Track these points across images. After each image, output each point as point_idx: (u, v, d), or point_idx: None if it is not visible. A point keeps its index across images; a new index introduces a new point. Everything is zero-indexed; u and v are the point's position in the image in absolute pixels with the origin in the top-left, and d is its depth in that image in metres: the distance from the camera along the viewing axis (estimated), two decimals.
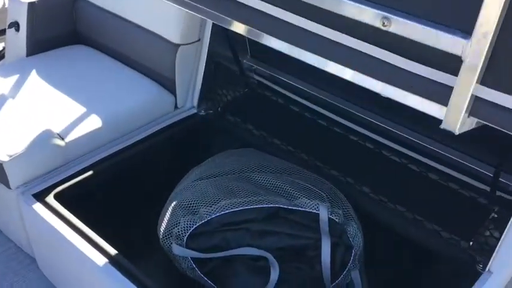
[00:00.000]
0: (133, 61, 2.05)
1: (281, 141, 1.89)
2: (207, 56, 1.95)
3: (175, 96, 1.98)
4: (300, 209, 1.51)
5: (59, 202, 1.57)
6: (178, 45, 1.89)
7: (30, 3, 2.01)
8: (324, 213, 1.49)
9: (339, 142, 1.81)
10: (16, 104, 1.78)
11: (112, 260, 1.42)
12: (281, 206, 1.51)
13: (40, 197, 1.58)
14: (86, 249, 1.44)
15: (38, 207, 1.55)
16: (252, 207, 1.52)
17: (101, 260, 1.41)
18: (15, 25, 2.04)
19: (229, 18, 1.12)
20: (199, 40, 1.93)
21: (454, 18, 0.80)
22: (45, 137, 1.64)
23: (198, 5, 1.16)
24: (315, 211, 1.50)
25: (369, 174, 1.70)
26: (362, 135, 1.78)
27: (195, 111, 2.02)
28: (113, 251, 1.44)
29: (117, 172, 1.77)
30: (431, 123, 0.95)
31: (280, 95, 2.02)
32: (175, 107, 2.01)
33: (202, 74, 1.98)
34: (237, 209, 1.51)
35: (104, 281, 1.40)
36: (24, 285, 1.71)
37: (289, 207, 1.51)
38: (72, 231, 1.49)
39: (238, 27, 1.12)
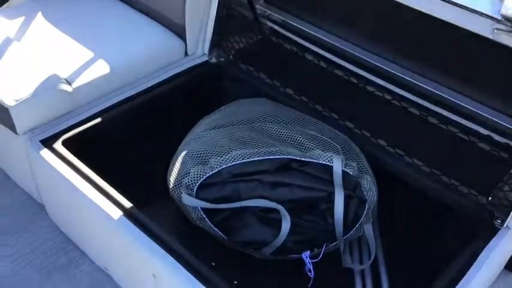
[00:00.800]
0: (141, 4, 1.96)
1: (294, 91, 1.82)
2: (218, 1, 1.87)
3: (186, 43, 1.91)
4: (313, 160, 1.47)
5: (67, 149, 1.54)
6: None
7: None
8: (337, 166, 1.45)
9: (356, 93, 1.75)
10: (22, 47, 1.72)
11: (122, 208, 1.40)
12: (294, 157, 1.47)
13: (48, 143, 1.55)
14: (95, 197, 1.42)
15: (46, 153, 1.52)
16: (264, 158, 1.48)
17: (110, 208, 1.39)
18: None
19: None
20: None
21: None
22: (52, 82, 1.59)
23: None
24: (328, 163, 1.46)
25: (386, 127, 1.64)
26: (380, 86, 1.70)
27: (205, 58, 1.95)
28: (122, 199, 1.42)
29: (126, 120, 1.72)
30: (454, 74, 0.90)
31: (294, 43, 1.94)
32: (186, 54, 1.94)
33: (214, 19, 1.90)
34: (248, 159, 1.48)
35: (113, 229, 1.39)
36: (34, 233, 1.70)
37: (302, 159, 1.47)
38: (81, 179, 1.46)
39: None
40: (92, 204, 1.41)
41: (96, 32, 1.85)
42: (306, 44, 1.91)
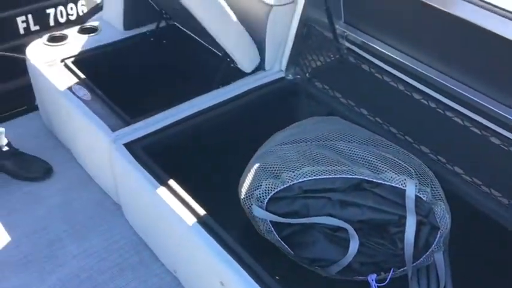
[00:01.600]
0: None
1: (369, 111, 1.82)
2: (299, 19, 1.90)
3: (264, 58, 1.96)
4: (385, 183, 1.45)
5: (147, 153, 1.62)
6: (271, 6, 1.85)
7: None
8: (411, 190, 1.43)
9: (432, 117, 1.71)
10: None
11: (194, 213, 1.45)
12: (366, 178, 1.46)
13: (130, 147, 1.63)
14: (170, 201, 1.48)
15: (128, 157, 1.60)
16: (335, 176, 1.48)
17: (184, 212, 1.45)
18: None
19: None
20: (293, 2, 1.88)
21: None
22: None
23: None
24: (401, 186, 1.44)
25: (463, 154, 1.60)
26: (459, 112, 1.66)
27: (282, 74, 1.99)
28: (195, 205, 1.47)
29: (203, 129, 1.79)
30: None
31: (371, 64, 1.93)
32: (263, 68, 1.99)
33: (293, 37, 1.93)
34: (320, 176, 1.48)
35: (185, 233, 1.44)
36: (109, 230, 1.80)
37: (374, 180, 1.46)
38: (157, 183, 1.53)
39: None
40: (167, 207, 1.47)
41: None
42: (384, 66, 1.90)
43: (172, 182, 1.54)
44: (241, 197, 1.54)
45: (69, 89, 1.85)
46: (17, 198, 1.88)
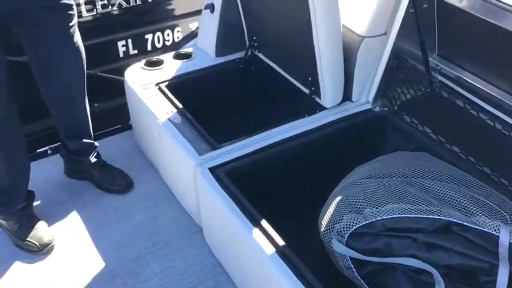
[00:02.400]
0: None
1: (461, 149, 1.73)
2: (390, 51, 1.87)
3: (351, 89, 1.94)
4: (477, 227, 1.38)
5: (231, 179, 1.65)
6: (363, 38, 1.83)
7: None
8: (505, 237, 1.34)
9: None
10: None
11: (273, 242, 1.44)
12: (455, 220, 1.39)
13: (216, 171, 1.66)
14: (250, 229, 1.49)
15: (213, 182, 1.63)
16: (422, 216, 1.42)
17: (262, 240, 1.45)
18: (211, 7, 2.17)
19: None
20: (385, 33, 1.85)
21: None
22: None
23: None
24: (494, 232, 1.36)
25: None
26: None
27: (369, 106, 1.95)
28: (274, 234, 1.47)
29: (287, 157, 1.79)
30: None
31: (466, 99, 1.84)
32: (350, 99, 1.96)
33: (383, 69, 1.90)
34: (405, 215, 1.43)
35: (262, 261, 1.44)
36: (189, 251, 1.84)
37: (465, 223, 1.39)
38: (239, 210, 1.54)
39: None
40: (246, 234, 1.48)
41: None
42: (480, 102, 1.80)
43: (253, 210, 1.54)
44: (321, 230, 1.52)
45: (162, 111, 1.93)
46: (107, 212, 1.98)
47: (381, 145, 1.90)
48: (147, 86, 2.08)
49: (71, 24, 1.77)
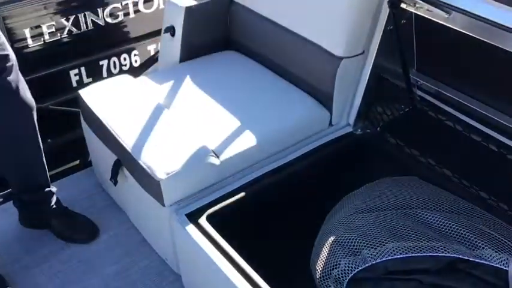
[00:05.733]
0: (287, 72, 1.91)
1: (453, 172, 1.64)
2: (370, 70, 1.76)
3: (331, 113, 1.82)
4: (484, 262, 1.29)
5: (211, 223, 1.50)
6: (340, 58, 1.71)
7: (187, 8, 1.96)
8: None
9: None
10: (171, 114, 1.73)
11: None
12: (461, 256, 1.30)
13: (193, 217, 1.51)
14: (234, 277, 1.35)
15: (191, 228, 1.48)
16: (425, 254, 1.33)
17: None
18: (171, 30, 2.01)
19: None
20: (363, 53, 1.74)
21: None
22: (201, 154, 1.57)
23: None
24: (502, 267, 1.29)
25: None
26: None
27: (350, 129, 1.84)
28: (261, 282, 1.33)
29: (269, 193, 1.66)
30: None
31: (451, 116, 1.76)
32: (330, 123, 1.84)
33: (363, 89, 1.79)
34: (407, 255, 1.33)
35: None
36: None
37: (471, 259, 1.30)
38: (221, 256, 1.41)
39: None
40: (230, 283, 1.35)
41: (242, 99, 1.82)
42: (465, 119, 1.72)
43: (236, 256, 1.40)
44: (317, 276, 1.39)
45: None
46: (72, 267, 1.77)
47: (367, 170, 1.79)
48: None
49: (9, 79, 1.55)
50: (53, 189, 1.86)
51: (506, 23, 1.02)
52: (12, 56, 1.57)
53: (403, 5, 1.58)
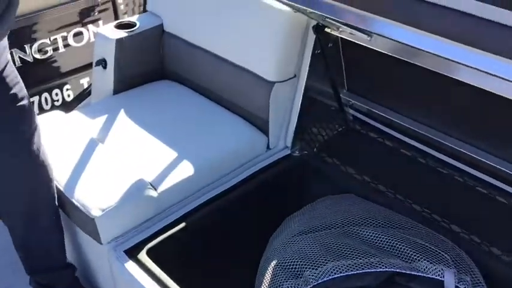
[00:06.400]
0: (222, 98, 1.92)
1: (387, 187, 1.69)
2: (302, 93, 1.80)
3: (268, 136, 1.84)
4: (420, 274, 1.32)
5: (151, 258, 1.47)
6: (273, 83, 1.74)
7: (118, 40, 1.94)
8: (450, 281, 1.30)
9: (460, 192, 1.59)
10: (105, 148, 1.70)
11: None
12: (398, 270, 1.32)
13: (132, 253, 1.47)
14: None
15: (130, 265, 1.44)
16: (364, 271, 1.34)
17: None
18: (103, 62, 1.98)
19: None
20: (295, 76, 1.78)
21: None
22: (138, 188, 1.54)
23: None
24: (438, 278, 1.31)
25: (499, 232, 1.46)
26: (490, 186, 1.53)
27: (288, 152, 1.86)
28: None
29: (209, 222, 1.64)
30: None
31: (383, 133, 1.82)
32: (268, 147, 1.86)
33: (298, 112, 1.82)
34: (347, 273, 1.34)
35: None
36: None
37: (408, 272, 1.32)
38: None
39: None
40: None
41: (180, 129, 1.81)
42: (399, 136, 1.78)
43: None
44: None
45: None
46: None
47: (307, 191, 1.81)
48: None
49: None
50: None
51: (418, 45, 1.09)
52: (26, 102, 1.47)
53: (327, 30, 1.63)
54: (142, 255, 1.47)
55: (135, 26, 1.99)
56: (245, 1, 1.77)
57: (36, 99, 2.22)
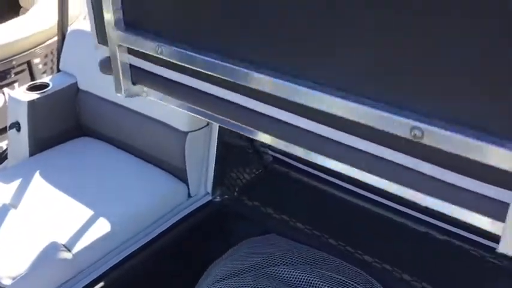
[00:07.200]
0: (140, 151, 1.94)
1: (304, 224, 1.73)
2: (217, 139, 1.84)
3: (188, 185, 1.86)
4: None
5: None
6: (186, 133, 1.78)
7: (29, 102, 1.94)
8: None
9: (371, 222, 1.65)
10: (18, 214, 1.67)
11: None
12: None
13: None
14: None
15: None
16: None
17: None
18: (16, 125, 1.96)
19: (237, 123, 1.01)
20: (207, 125, 1.82)
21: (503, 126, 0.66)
22: (51, 251, 1.52)
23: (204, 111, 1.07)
24: None
25: (409, 259, 1.52)
26: (399, 213, 1.60)
27: (209, 198, 1.88)
28: None
29: (131, 277, 1.62)
30: None
31: (299, 171, 1.88)
32: (189, 195, 1.88)
33: (214, 158, 1.86)
34: None
35: None
36: None
37: None
38: None
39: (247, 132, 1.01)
40: None
41: (96, 186, 1.80)
42: (312, 171, 1.84)
43: None
44: None
45: None
46: None
47: (230, 235, 1.83)
48: None
49: None
50: None
51: None
52: None
53: None
54: None
55: (48, 86, 1.99)
56: None
57: None
